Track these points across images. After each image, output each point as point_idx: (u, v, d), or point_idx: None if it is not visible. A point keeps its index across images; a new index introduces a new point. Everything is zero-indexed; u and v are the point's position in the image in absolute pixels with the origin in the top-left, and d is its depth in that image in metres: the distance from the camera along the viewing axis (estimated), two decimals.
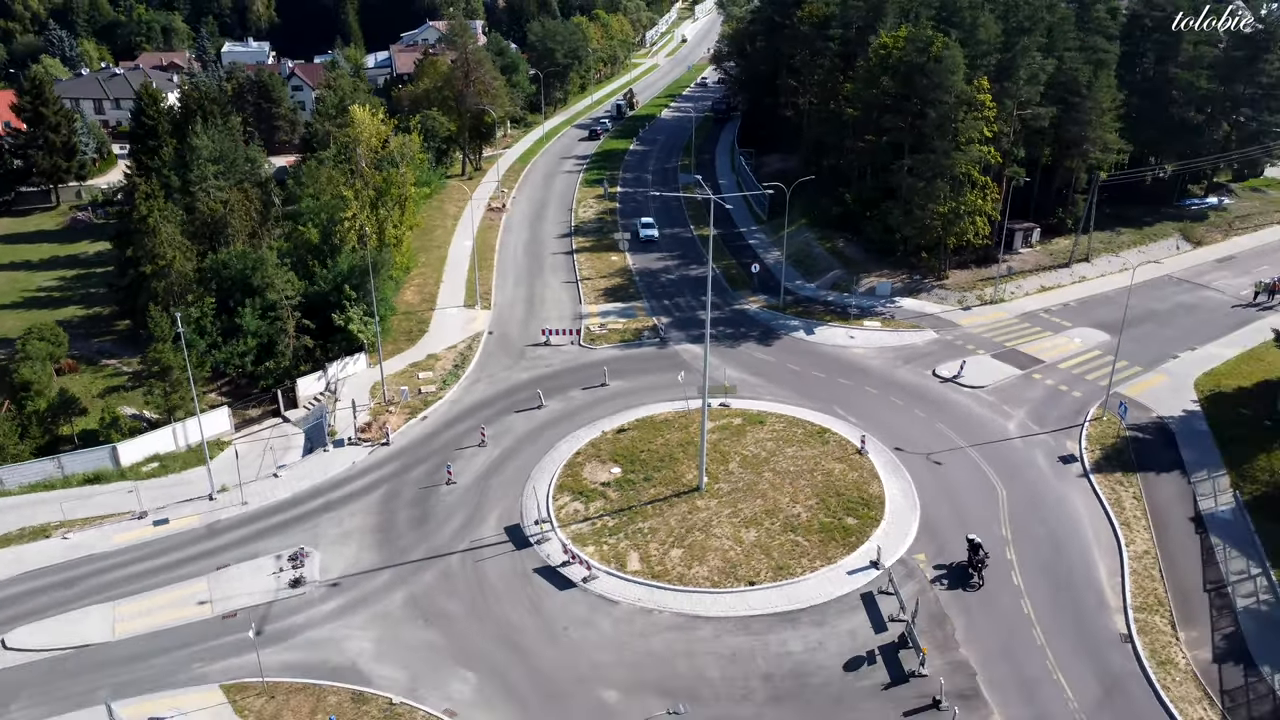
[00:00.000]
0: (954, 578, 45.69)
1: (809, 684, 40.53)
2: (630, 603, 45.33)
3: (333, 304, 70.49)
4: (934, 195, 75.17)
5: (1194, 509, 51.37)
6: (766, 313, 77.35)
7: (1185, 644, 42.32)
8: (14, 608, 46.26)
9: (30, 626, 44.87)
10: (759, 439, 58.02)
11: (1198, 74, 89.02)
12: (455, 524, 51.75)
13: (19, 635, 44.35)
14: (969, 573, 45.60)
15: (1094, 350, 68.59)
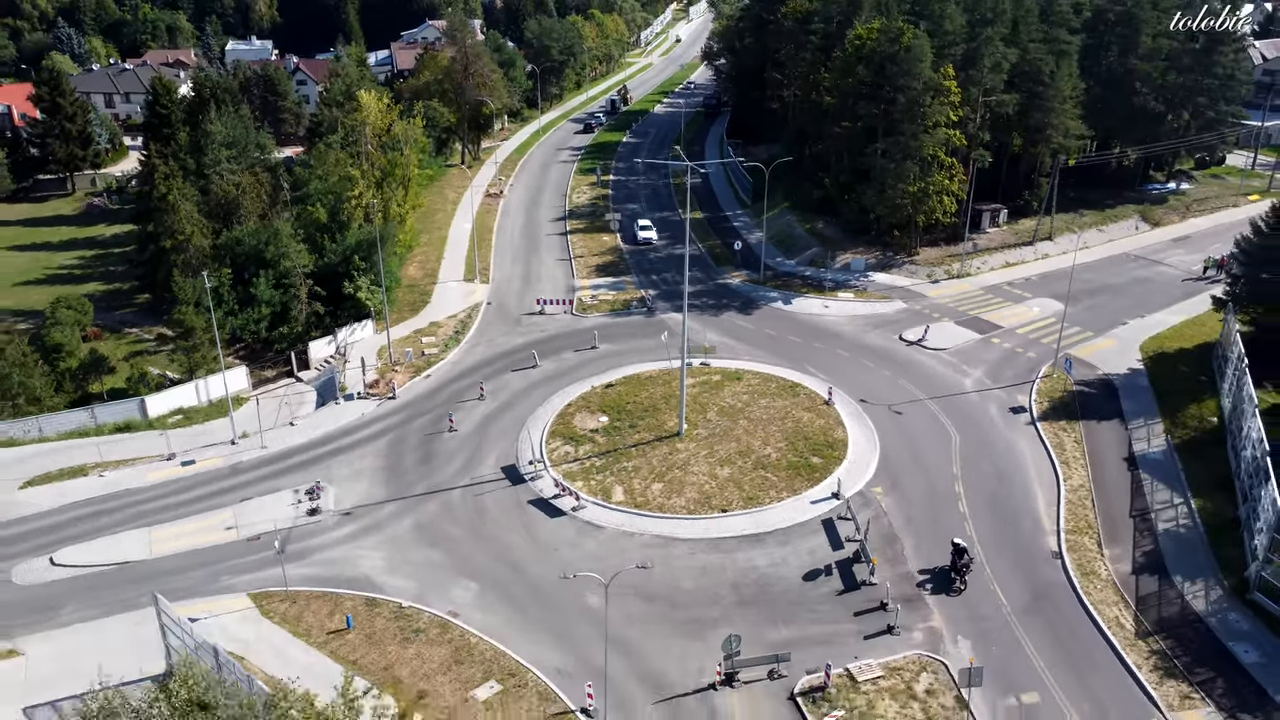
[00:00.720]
0: (937, 581, 45.41)
1: (771, 591, 45.63)
2: (614, 528, 50.42)
3: (342, 274, 75.60)
4: (904, 176, 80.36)
5: (1129, 450, 56.53)
6: (747, 286, 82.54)
7: (1109, 559, 47.46)
8: (59, 533, 51.24)
9: (75, 547, 49.87)
10: (735, 392, 63.18)
11: (1157, 65, 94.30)
12: (456, 464, 56.81)
13: (65, 554, 49.37)
14: (952, 577, 45.40)
15: (1050, 318, 73.72)
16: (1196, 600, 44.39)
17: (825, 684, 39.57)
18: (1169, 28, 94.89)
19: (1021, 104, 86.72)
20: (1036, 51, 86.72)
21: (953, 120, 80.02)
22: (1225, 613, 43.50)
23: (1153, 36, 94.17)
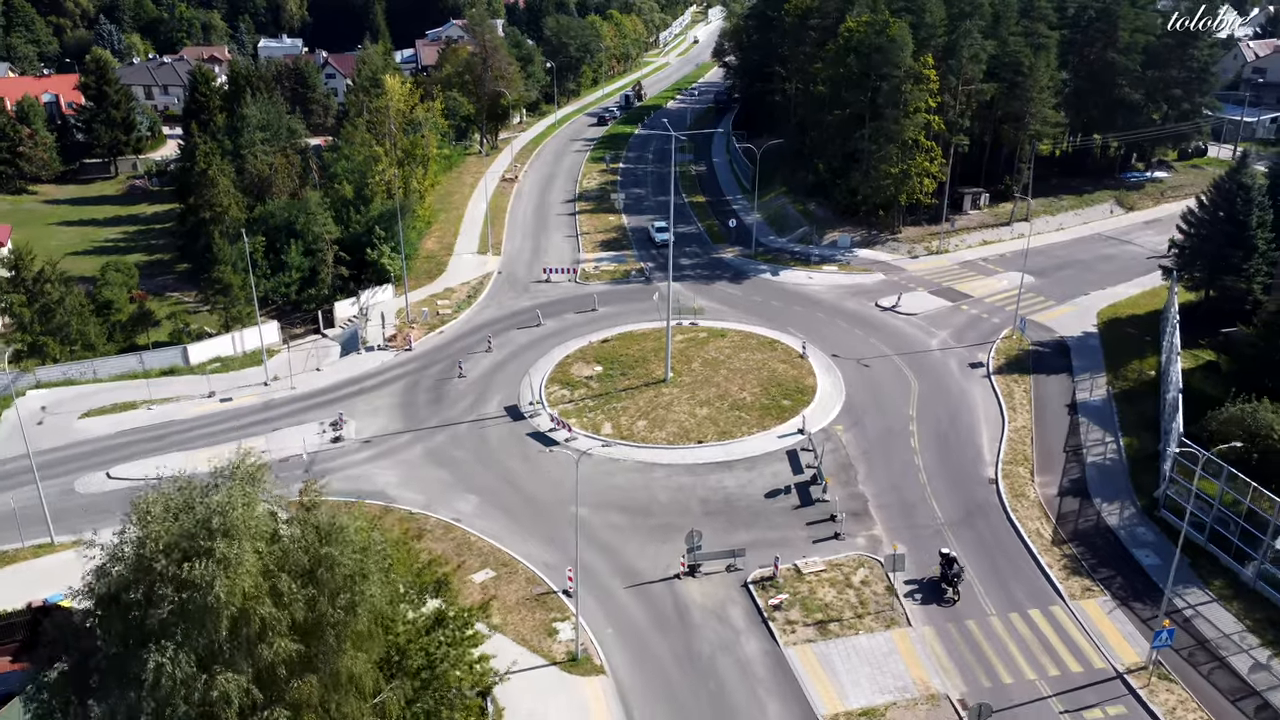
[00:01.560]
0: (927, 592, 44.24)
1: (736, 505, 51.87)
2: (601, 455, 56.77)
3: (365, 243, 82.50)
4: (886, 158, 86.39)
5: (1072, 399, 62.32)
6: (739, 260, 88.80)
7: (1038, 485, 53.34)
8: (114, 453, 58.24)
9: (127, 464, 56.84)
10: (719, 347, 69.50)
11: (1134, 59, 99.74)
12: (464, 404, 63.42)
13: (119, 469, 56.36)
14: (942, 587, 44.43)
15: (1014, 289, 79.40)
16: (1110, 517, 50.21)
17: (774, 574, 45.74)
18: (1150, 24, 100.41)
19: (1002, 93, 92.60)
20: (1016, 44, 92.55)
21: (931, 106, 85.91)
22: (1134, 527, 49.30)
23: (1130, 32, 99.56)
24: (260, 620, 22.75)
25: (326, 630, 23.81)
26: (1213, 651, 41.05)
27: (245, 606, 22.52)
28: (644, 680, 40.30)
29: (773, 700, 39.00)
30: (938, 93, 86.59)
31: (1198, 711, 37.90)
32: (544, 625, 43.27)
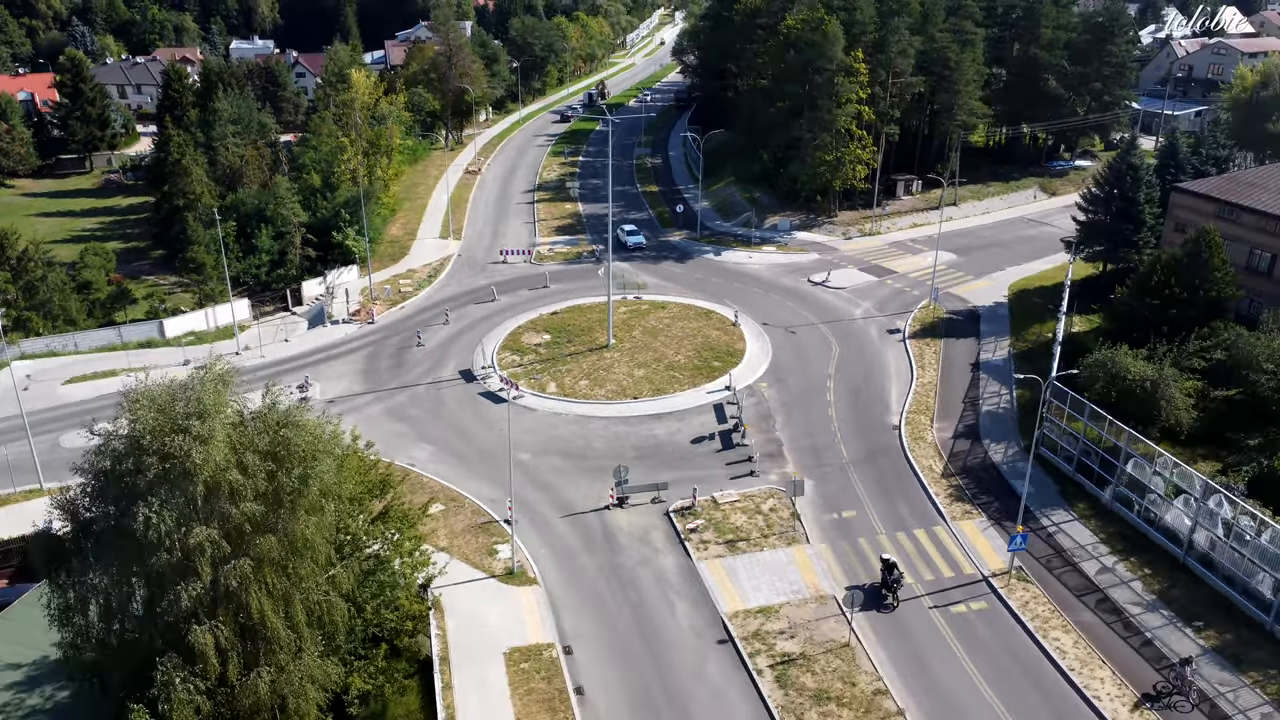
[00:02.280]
0: (868, 598, 43.46)
1: (664, 450, 57.61)
2: (546, 410, 62.40)
3: (331, 227, 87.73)
4: (822, 146, 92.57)
5: (976, 359, 68.54)
6: (686, 242, 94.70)
7: (936, 430, 59.41)
8: (96, 414, 61.78)
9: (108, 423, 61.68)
10: (659, 317, 75.32)
11: (1056, 54, 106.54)
12: (422, 369, 68.83)
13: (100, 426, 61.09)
14: (882, 593, 44.31)
15: (940, 265, 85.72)
16: (996, 455, 56.36)
17: (693, 504, 51.49)
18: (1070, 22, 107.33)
19: (931, 86, 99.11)
20: (943, 40, 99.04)
21: (862, 98, 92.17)
22: (1015, 463, 55.45)
23: (1052, 29, 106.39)
24: (229, 486, 28.18)
25: (284, 498, 29.25)
26: (1067, 559, 47.18)
27: (216, 475, 27.94)
28: (572, 589, 45.92)
29: (682, 602, 44.75)
30: (868, 85, 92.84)
31: (1048, 604, 43.97)
32: (486, 547, 48.81)
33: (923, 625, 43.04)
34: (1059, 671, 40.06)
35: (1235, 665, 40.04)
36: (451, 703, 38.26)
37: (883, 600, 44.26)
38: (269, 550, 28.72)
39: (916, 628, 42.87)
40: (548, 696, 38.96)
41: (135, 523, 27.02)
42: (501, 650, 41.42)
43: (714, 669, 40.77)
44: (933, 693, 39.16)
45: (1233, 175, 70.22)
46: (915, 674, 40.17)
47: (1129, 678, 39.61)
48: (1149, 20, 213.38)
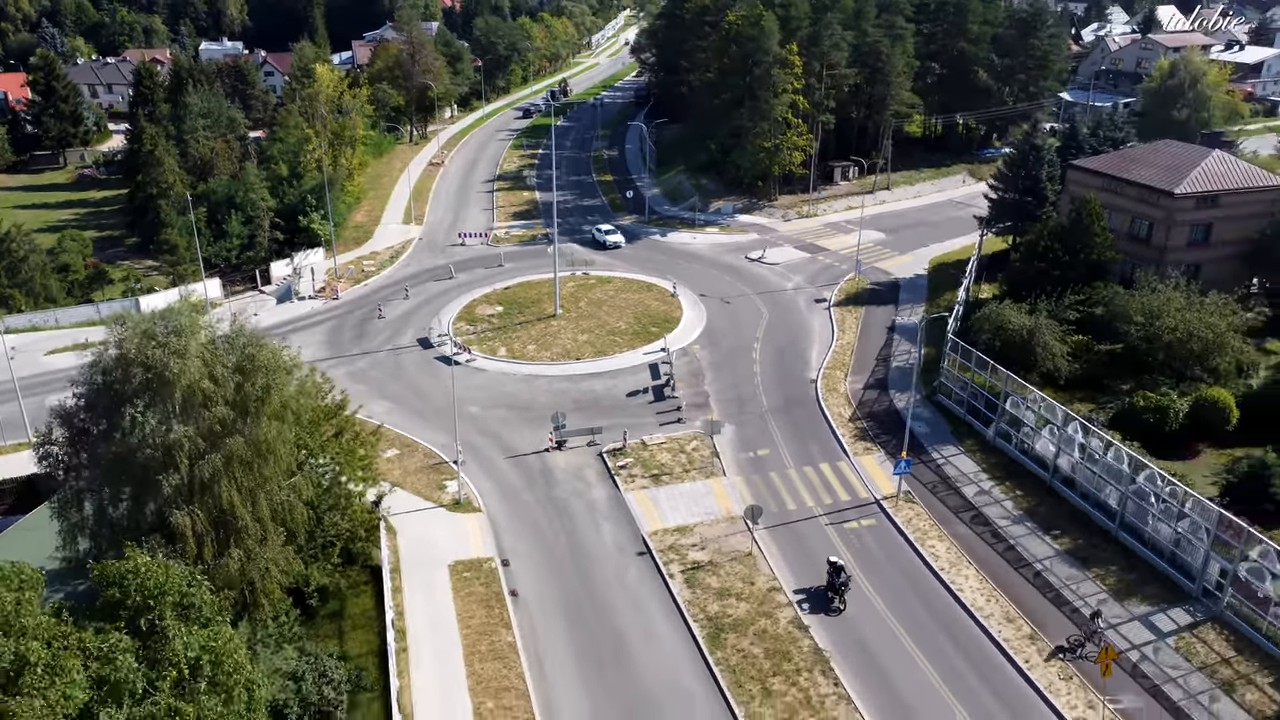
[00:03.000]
0: (815, 601, 43.68)
1: (601, 401, 63.44)
2: (495, 371, 68.07)
3: (298, 212, 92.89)
4: (760, 134, 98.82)
5: (892, 322, 74.88)
6: (634, 225, 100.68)
7: (849, 382, 65.60)
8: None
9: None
10: (604, 290, 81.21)
11: (982, 48, 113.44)
12: (382, 338, 74.28)
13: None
14: (829, 596, 43.78)
15: (869, 244, 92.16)
16: (899, 402, 62.58)
17: (624, 445, 57.31)
18: (996, 17, 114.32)
19: (864, 78, 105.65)
20: (875, 35, 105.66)
21: (797, 88, 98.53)
22: (916, 408, 61.49)
23: (979, 24, 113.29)
24: (202, 393, 33.63)
25: (249, 405, 34.72)
26: (951, 485, 53.43)
27: (191, 383, 33.37)
28: (512, 516, 51.62)
29: (608, 524, 50.57)
30: (803, 77, 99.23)
31: (929, 520, 50.14)
32: (436, 483, 54.41)
33: (818, 538, 49.10)
34: (931, 572, 46.22)
35: (1084, 565, 46.32)
36: (400, 602, 43.87)
37: (829, 604, 43.45)
38: (237, 449, 34.19)
39: (813, 540, 48.91)
40: (485, 598, 44.65)
41: (123, 422, 32.46)
42: (446, 562, 47.07)
43: (633, 575, 46.62)
44: (820, 593, 45.11)
45: (1120, 153, 76.96)
46: (807, 577, 46.14)
47: (992, 577, 45.78)
48: (1093, 18, 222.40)
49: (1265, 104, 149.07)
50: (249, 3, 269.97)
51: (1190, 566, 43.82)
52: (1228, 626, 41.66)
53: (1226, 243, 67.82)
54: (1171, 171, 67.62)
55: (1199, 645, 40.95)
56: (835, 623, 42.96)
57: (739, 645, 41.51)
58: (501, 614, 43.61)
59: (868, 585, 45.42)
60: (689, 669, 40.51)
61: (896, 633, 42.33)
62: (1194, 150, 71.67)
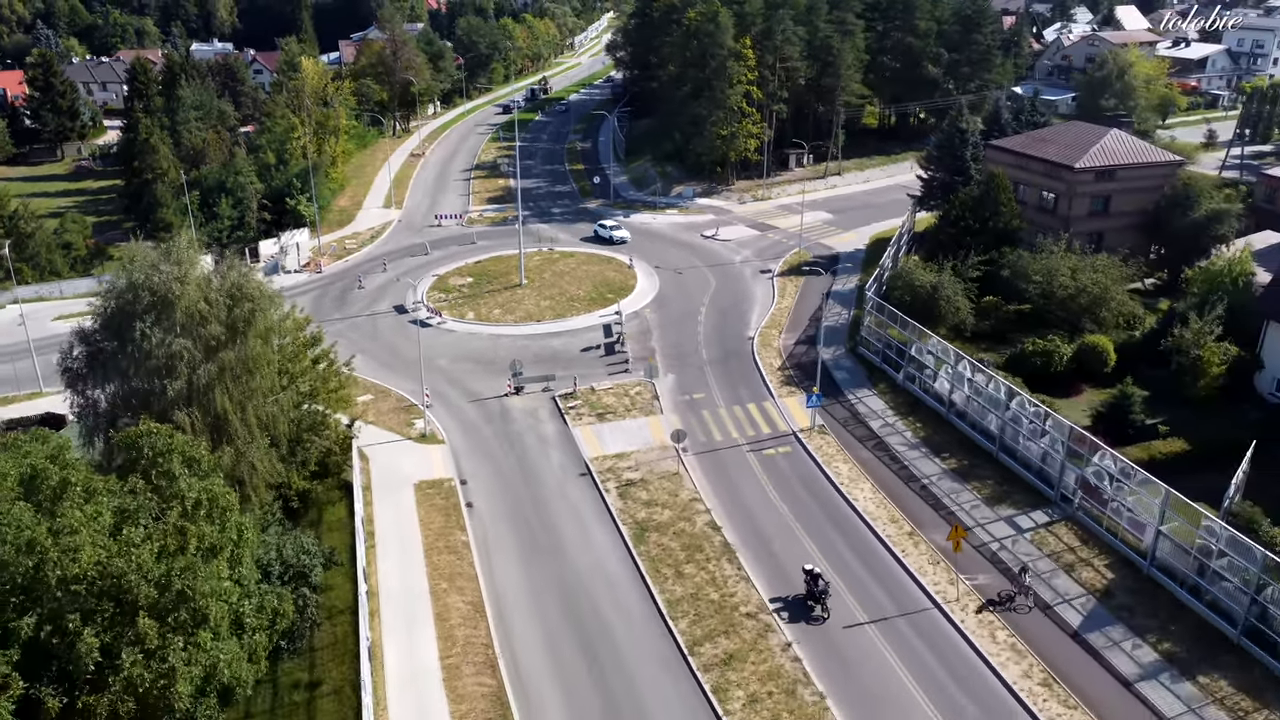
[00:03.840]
0: (794, 610, 42.96)
1: (558, 356, 70.38)
2: (464, 331, 74.98)
3: (285, 195, 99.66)
4: (717, 122, 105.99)
5: (829, 290, 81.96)
6: (601, 208, 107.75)
7: (782, 339, 72.65)
8: None
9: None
10: (567, 264, 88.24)
11: (929, 43, 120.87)
12: (361, 305, 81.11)
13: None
14: (809, 605, 42.75)
15: (817, 224, 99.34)
16: (826, 355, 69.57)
17: (574, 390, 64.25)
18: (942, 14, 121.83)
19: (818, 70, 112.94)
20: (826, 30, 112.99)
21: (751, 79, 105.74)
22: (839, 359, 68.81)
23: (926, 20, 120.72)
24: (199, 313, 40.40)
25: (239, 325, 41.48)
26: (861, 420, 60.50)
27: (190, 305, 40.13)
28: (471, 446, 58.50)
29: (556, 452, 57.50)
30: (756, 69, 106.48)
31: (837, 447, 57.17)
32: (405, 421, 61.27)
33: (738, 463, 56.12)
34: (832, 485, 53.27)
35: (964, 479, 53.41)
36: (371, 511, 50.75)
37: (810, 612, 42.64)
38: (229, 362, 40.97)
39: (732, 465, 55.93)
40: (444, 508, 51.54)
41: (133, 335, 39.27)
42: (412, 482, 53.97)
43: (574, 491, 53.57)
44: (735, 502, 52.14)
45: (1031, 133, 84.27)
46: (725, 491, 53.16)
47: (884, 489, 52.85)
48: (1057, 18, 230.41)
49: (1207, 97, 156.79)
50: (238, 5, 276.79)
51: (1051, 478, 50.95)
52: (1077, 524, 48.78)
53: (1125, 213, 75.11)
54: (1073, 148, 74.89)
55: (1051, 538, 48.09)
56: (743, 522, 49.98)
57: (660, 541, 48.48)
58: (458, 520, 50.52)
59: (775, 497, 52.47)
60: (615, 559, 47.45)
61: (796, 531, 49.36)
62: (1095, 130, 78.96)
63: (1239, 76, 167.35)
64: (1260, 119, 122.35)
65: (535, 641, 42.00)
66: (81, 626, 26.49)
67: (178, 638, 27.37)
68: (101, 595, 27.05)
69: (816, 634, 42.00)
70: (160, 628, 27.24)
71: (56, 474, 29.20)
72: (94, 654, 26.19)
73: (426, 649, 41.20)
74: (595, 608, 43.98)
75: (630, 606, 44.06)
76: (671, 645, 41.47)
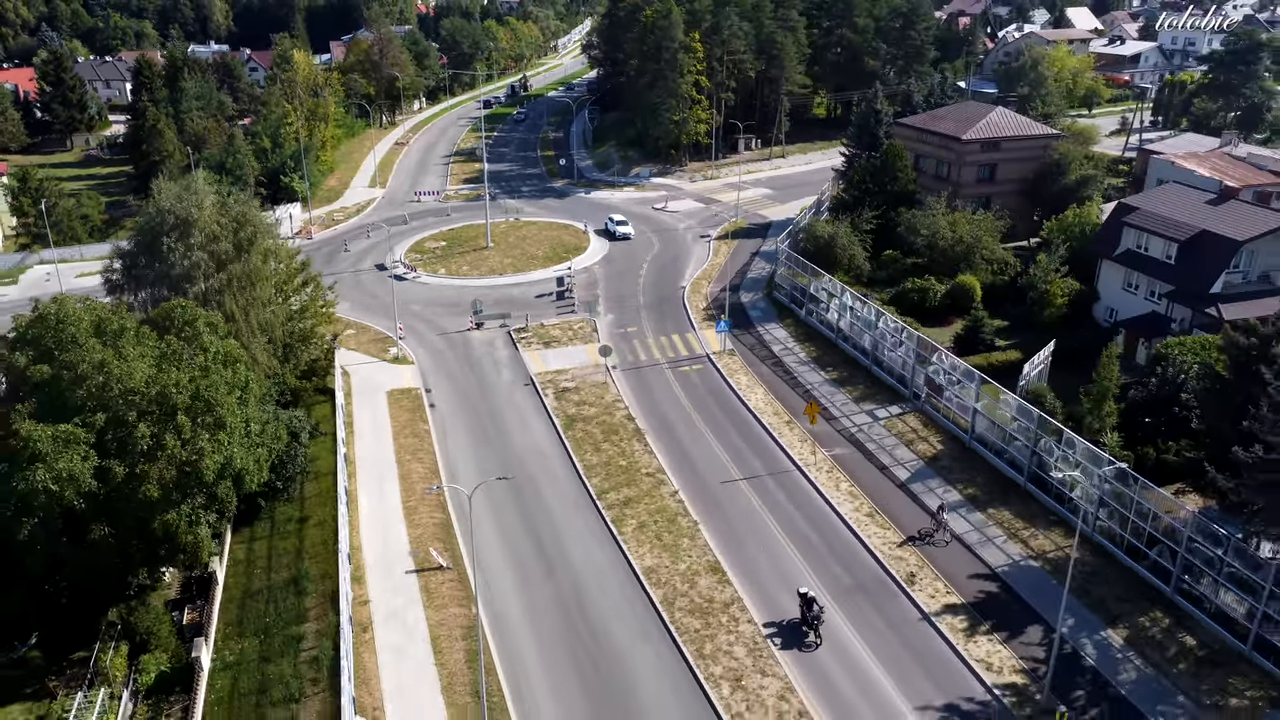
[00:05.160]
0: (787, 635, 41.48)
1: (516, 301, 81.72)
2: (436, 283, 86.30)
3: (280, 174, 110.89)
4: (670, 109, 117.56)
5: (758, 250, 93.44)
6: (565, 186, 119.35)
7: (710, 288, 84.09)
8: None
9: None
10: (529, 230, 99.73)
11: (867, 38, 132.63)
12: (347, 263, 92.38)
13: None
14: (803, 630, 41.22)
15: (756, 198, 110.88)
16: (745, 298, 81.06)
17: (526, 325, 75.58)
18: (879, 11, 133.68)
19: (765, 63, 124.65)
20: (770, 26, 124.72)
21: (700, 70, 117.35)
22: (756, 302, 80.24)
23: (864, 17, 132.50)
24: (213, 232, 51.63)
25: (243, 244, 52.68)
26: (766, 346, 71.88)
27: (206, 226, 51.33)
28: (436, 366, 69.78)
29: (506, 370, 68.83)
30: (705, 60, 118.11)
31: (742, 365, 68.56)
32: (381, 349, 72.53)
33: (658, 377, 67.46)
34: (731, 390, 64.63)
35: (841, 385, 64.78)
36: (350, 410, 61.98)
37: (804, 638, 41.12)
38: (236, 273, 52.20)
39: (653, 378, 67.28)
40: (411, 408, 62.80)
41: (162, 249, 50.50)
42: (385, 390, 65.26)
43: (519, 396, 64.88)
44: (650, 403, 63.43)
45: (931, 112, 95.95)
46: (643, 396, 64.50)
47: (773, 392, 64.20)
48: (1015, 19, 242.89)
49: (1137, 89, 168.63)
50: (234, 8, 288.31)
51: (907, 379, 62.41)
52: (923, 413, 60.24)
53: (1009, 180, 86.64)
54: (962, 123, 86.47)
55: (900, 423, 59.56)
56: (654, 416, 61.37)
57: (585, 429, 59.83)
58: (422, 416, 61.81)
59: (684, 399, 63.87)
60: (548, 441, 58.77)
61: (696, 421, 60.72)
62: (983, 107, 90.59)
63: (1171, 71, 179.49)
64: (1170, 108, 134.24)
65: (479, 492, 53.25)
66: (137, 422, 37.52)
67: (204, 432, 38.49)
68: (150, 401, 38.01)
69: (697, 486, 53.39)
70: (192, 424, 38.28)
71: (117, 321, 40.31)
72: (146, 439, 37.23)
73: (391, 496, 52.50)
74: (528, 471, 55.29)
75: (555, 470, 55.41)
76: (584, 493, 52.83)
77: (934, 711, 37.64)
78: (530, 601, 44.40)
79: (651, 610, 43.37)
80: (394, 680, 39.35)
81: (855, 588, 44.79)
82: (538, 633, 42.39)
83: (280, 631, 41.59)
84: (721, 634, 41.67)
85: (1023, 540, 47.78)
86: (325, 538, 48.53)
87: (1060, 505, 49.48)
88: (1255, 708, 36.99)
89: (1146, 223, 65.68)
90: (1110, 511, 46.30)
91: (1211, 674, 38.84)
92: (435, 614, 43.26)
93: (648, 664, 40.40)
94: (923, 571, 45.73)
